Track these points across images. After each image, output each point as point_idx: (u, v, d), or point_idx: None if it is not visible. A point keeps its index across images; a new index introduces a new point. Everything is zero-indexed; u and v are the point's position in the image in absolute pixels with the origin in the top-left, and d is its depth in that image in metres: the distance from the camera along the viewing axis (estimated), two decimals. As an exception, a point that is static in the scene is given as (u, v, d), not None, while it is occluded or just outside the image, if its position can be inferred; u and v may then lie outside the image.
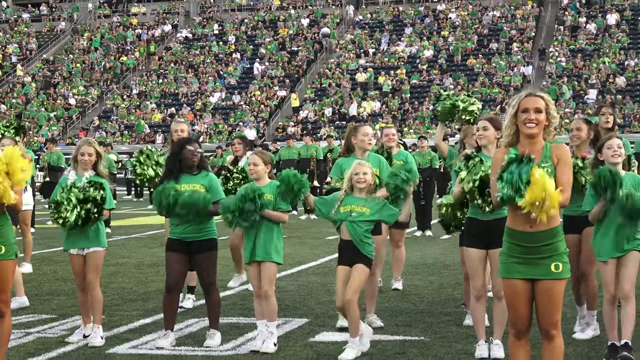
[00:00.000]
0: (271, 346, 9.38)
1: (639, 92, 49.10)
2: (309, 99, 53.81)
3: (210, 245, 9.78)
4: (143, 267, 15.11)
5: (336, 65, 56.51)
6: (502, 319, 8.80)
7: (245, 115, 52.60)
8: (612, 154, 9.12)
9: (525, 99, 6.96)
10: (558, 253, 6.90)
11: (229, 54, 60.20)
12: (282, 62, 58.10)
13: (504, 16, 58.34)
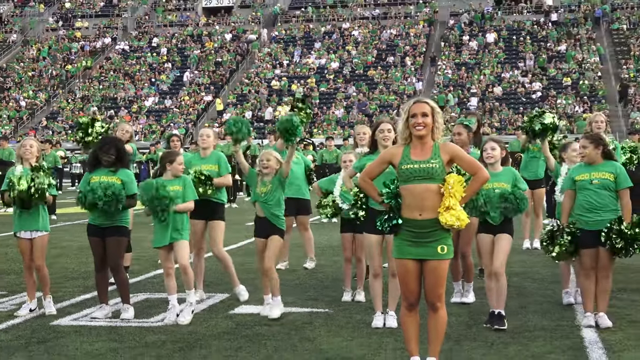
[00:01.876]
0: (188, 316, 9.45)
1: (513, 100, 49.86)
2: (231, 103, 53.76)
3: (120, 232, 9.82)
4: (84, 249, 14.94)
5: (255, 75, 56.52)
6: (395, 293, 8.90)
7: (176, 117, 52.43)
8: (487, 155, 9.30)
9: (413, 105, 7.08)
10: (443, 237, 7.04)
11: (162, 64, 59.85)
12: (208, 71, 57.91)
13: (400, 34, 58.79)
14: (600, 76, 51.55)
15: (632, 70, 51.35)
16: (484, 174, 7.17)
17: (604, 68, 52.69)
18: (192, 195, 9.79)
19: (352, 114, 49.63)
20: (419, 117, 7.00)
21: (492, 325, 9.02)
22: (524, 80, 51.80)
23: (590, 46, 54.40)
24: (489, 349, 8.20)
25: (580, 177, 9.14)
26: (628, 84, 49.47)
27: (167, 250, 9.65)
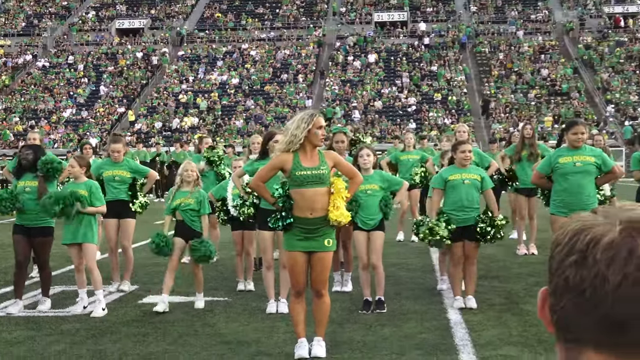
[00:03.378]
0: (99, 311, 9.25)
1: (391, 113, 50.48)
2: (142, 114, 53.03)
3: (45, 232, 9.61)
4: (4, 246, 14.55)
5: (164, 89, 55.88)
6: (286, 283, 8.92)
7: (92, 127, 51.45)
8: (362, 161, 9.40)
9: (319, 118, 7.08)
10: (329, 232, 7.11)
11: (79, 79, 58.65)
12: (121, 85, 57.03)
13: (292, 54, 58.92)
14: (465, 92, 52.60)
15: (492, 87, 52.56)
16: (359, 178, 7.31)
17: (469, 85, 53.78)
18: (99, 200, 9.58)
19: (251, 124, 49.50)
20: (324, 129, 7.08)
21: (372, 310, 9.11)
22: (401, 96, 52.49)
23: (457, 66, 55.46)
24: (368, 330, 8.28)
25: (452, 177, 9.30)
26: (489, 99, 50.62)
27: (77, 248, 9.47)
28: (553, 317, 1.24)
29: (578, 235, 1.22)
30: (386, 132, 46.92)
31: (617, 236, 1.19)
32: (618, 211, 1.24)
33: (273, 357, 7.32)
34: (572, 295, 1.20)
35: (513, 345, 7.53)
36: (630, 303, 1.16)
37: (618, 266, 1.17)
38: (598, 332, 1.18)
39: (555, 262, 1.24)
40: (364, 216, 9.30)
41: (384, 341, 7.80)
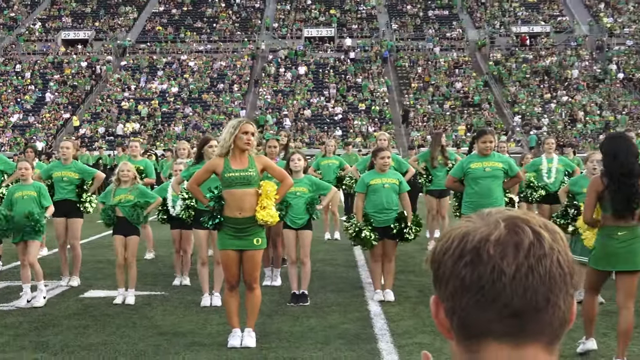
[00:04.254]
0: (41, 300, 9.12)
1: (320, 121, 50.59)
2: (86, 120, 52.14)
3: None
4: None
5: (107, 96, 55.01)
6: (219, 278, 8.88)
7: (38, 132, 50.35)
8: (294, 165, 9.41)
9: (245, 124, 7.10)
10: (258, 231, 7.13)
11: (26, 86, 57.34)
12: (66, 93, 55.96)
13: (228, 65, 58.59)
14: (387, 103, 53.02)
15: (412, 98, 53.09)
16: (289, 181, 7.33)
17: (391, 96, 54.21)
18: (47, 201, 9.45)
19: (189, 130, 49.07)
20: (249, 135, 7.07)
21: (297, 303, 9.13)
22: (328, 105, 52.63)
23: (380, 79, 55.87)
24: (295, 321, 8.29)
25: (373, 181, 9.37)
26: (409, 109, 51.12)
27: (23, 245, 9.28)
28: (453, 319, 1.24)
29: (466, 238, 1.23)
30: (315, 139, 47.01)
31: (503, 232, 1.21)
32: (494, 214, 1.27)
33: (207, 347, 7.28)
34: (472, 293, 1.21)
35: (427, 333, 7.62)
36: (526, 291, 1.19)
37: (510, 258, 1.19)
38: (499, 323, 1.20)
39: (447, 268, 1.24)
40: (293, 216, 9.32)
41: (310, 331, 7.81)
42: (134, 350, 7.17)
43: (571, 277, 1.23)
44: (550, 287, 1.20)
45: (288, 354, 6.98)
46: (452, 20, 63.96)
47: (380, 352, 6.99)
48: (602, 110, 50.72)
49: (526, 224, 1.23)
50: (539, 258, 1.19)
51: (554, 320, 1.21)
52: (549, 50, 59.19)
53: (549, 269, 1.20)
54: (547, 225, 1.24)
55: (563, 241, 1.24)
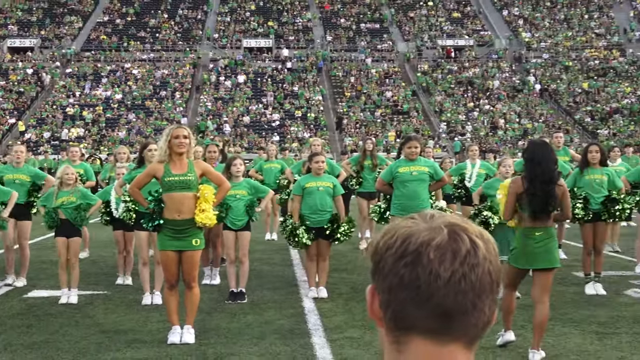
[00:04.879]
0: None
1: (258, 127, 50.44)
2: (32, 125, 50.96)
3: None
4: None
5: (52, 102, 53.87)
6: (160, 277, 8.77)
7: (-16, 136, 49.11)
8: (235, 170, 9.36)
9: (175, 129, 7.06)
10: (197, 233, 7.07)
11: (-28, 92, 55.87)
12: (12, 99, 54.61)
13: (171, 73, 57.96)
14: (322, 110, 53.15)
15: (345, 106, 53.31)
16: (227, 185, 7.27)
17: (325, 104, 54.35)
18: None
19: (132, 135, 48.39)
20: (181, 138, 7.00)
21: (235, 301, 9.07)
22: (266, 112, 52.50)
23: (315, 88, 55.98)
24: (233, 318, 8.23)
25: (308, 184, 9.37)
26: (342, 117, 51.33)
27: None
28: (387, 311, 1.27)
29: (409, 239, 1.26)
30: (253, 144, 46.86)
31: (445, 238, 1.24)
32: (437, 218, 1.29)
33: (147, 343, 7.17)
34: (408, 291, 1.23)
35: (357, 328, 7.65)
36: (457, 295, 1.22)
37: (448, 264, 1.22)
38: (428, 321, 1.23)
39: (388, 264, 1.26)
40: (233, 217, 9.26)
41: (247, 328, 7.77)
42: (76, 348, 7.02)
43: (497, 285, 1.27)
44: (479, 294, 1.24)
45: (226, 349, 6.92)
46: (383, 33, 64.50)
47: (313, 346, 6.99)
48: (521, 119, 51.74)
49: (465, 233, 1.26)
50: (472, 266, 1.23)
51: (478, 323, 1.25)
52: (472, 62, 60.15)
53: (479, 277, 1.24)
54: (483, 234, 1.28)
55: (495, 250, 1.28)
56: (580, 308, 8.66)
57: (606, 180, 9.78)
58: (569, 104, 54.31)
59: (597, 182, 9.75)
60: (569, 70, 58.78)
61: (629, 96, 54.79)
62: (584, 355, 6.66)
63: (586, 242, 9.80)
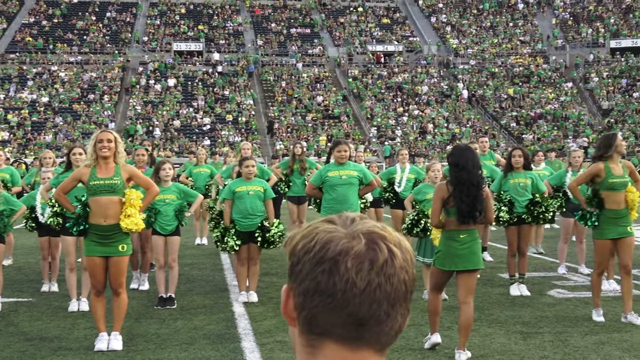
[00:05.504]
0: None
1: (189, 131, 49.92)
2: (-47, 128, 49.43)
3: None
4: None
5: (-25, 105, 52.35)
6: (87, 283, 8.61)
7: None
8: (164, 174, 9.25)
9: (100, 133, 6.98)
10: (123, 238, 6.97)
11: None
12: None
13: (99, 76, 56.96)
14: (253, 114, 53.00)
15: (276, 110, 53.31)
16: (155, 189, 7.19)
17: (257, 108, 54.24)
18: None
19: (59, 139, 47.38)
20: (105, 142, 6.90)
21: (164, 306, 8.97)
22: (197, 116, 52.09)
23: (246, 92, 55.81)
24: (162, 324, 8.13)
25: (239, 189, 9.33)
26: (273, 121, 51.29)
27: None
28: (301, 314, 1.27)
29: (328, 245, 1.26)
30: (184, 148, 46.42)
31: (363, 247, 1.24)
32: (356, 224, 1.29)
33: (73, 351, 7.02)
34: (323, 297, 1.24)
35: (287, 332, 7.62)
36: (372, 304, 1.23)
37: (364, 273, 1.23)
38: (342, 328, 1.24)
39: (305, 268, 1.26)
40: (162, 222, 9.16)
41: (176, 333, 7.68)
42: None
43: (411, 294, 1.29)
44: (393, 303, 1.25)
45: (154, 355, 6.83)
46: (314, 38, 64.75)
47: (243, 351, 6.96)
48: (449, 124, 52.62)
49: (383, 241, 1.26)
50: (388, 276, 1.24)
51: (390, 331, 1.26)
52: (402, 67, 60.90)
53: (395, 287, 1.24)
54: (402, 243, 1.29)
55: (411, 260, 1.29)
56: (505, 309, 8.85)
57: (530, 184, 10.01)
58: (495, 110, 55.51)
59: (521, 186, 9.98)
60: (495, 77, 60.07)
61: (552, 102, 56.32)
62: (509, 355, 6.81)
63: (511, 244, 10.02)
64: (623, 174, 8.08)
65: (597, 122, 53.66)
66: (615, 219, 8.06)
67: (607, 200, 8.12)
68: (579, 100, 57.44)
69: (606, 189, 8.09)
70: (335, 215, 1.33)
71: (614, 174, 8.05)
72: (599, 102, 56.55)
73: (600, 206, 8.15)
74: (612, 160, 8.11)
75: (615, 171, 8.06)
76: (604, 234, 8.11)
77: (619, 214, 8.07)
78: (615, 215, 8.07)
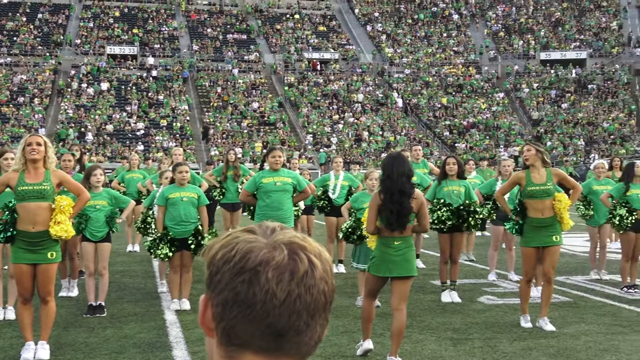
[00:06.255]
0: None
1: (122, 136, 49.23)
2: None
3: None
4: None
5: None
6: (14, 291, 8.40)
7: None
8: (95, 180, 9.11)
9: (29, 137, 6.85)
10: (53, 245, 6.83)
11: None
12: None
13: (29, 79, 55.65)
14: (188, 120, 52.54)
15: (211, 116, 52.98)
16: (86, 195, 7.06)
17: (192, 114, 53.78)
18: None
19: (-13, 143, 46.19)
20: (34, 145, 6.76)
21: (94, 314, 8.81)
22: (131, 121, 51.38)
23: (181, 97, 55.30)
24: (91, 332, 7.97)
25: (172, 195, 9.24)
26: (209, 127, 50.95)
27: None
28: (219, 324, 1.26)
29: (248, 256, 1.25)
30: (116, 153, 45.73)
31: (284, 258, 1.24)
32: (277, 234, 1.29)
33: (-2, 361, 6.83)
34: (242, 308, 1.23)
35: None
36: (292, 315, 1.23)
37: (285, 284, 1.22)
38: (260, 339, 1.23)
39: (225, 278, 1.25)
40: (92, 229, 9.01)
41: (106, 342, 7.55)
42: None
43: (330, 305, 1.29)
44: (313, 314, 1.25)
45: (83, 365, 6.69)
46: (250, 44, 64.61)
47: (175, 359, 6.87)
48: (384, 131, 53.12)
49: (303, 251, 1.26)
50: (308, 287, 1.24)
51: (310, 341, 1.26)
52: (337, 75, 61.26)
53: (315, 298, 1.24)
54: (322, 254, 1.29)
55: (331, 271, 1.29)
56: (436, 315, 8.96)
57: (463, 192, 10.17)
58: (429, 118, 56.29)
59: (455, 194, 10.13)
60: (429, 86, 60.93)
61: (484, 112, 57.42)
62: (439, 361, 6.89)
63: (443, 251, 10.16)
64: (545, 182, 8.21)
65: (527, 132, 54.91)
66: (539, 227, 8.20)
67: (530, 208, 8.30)
68: (510, 110, 58.70)
69: (527, 197, 8.27)
70: (255, 225, 1.33)
71: (534, 182, 8.21)
72: (529, 112, 57.91)
73: (523, 214, 8.32)
74: (533, 169, 8.28)
75: (535, 179, 8.22)
76: (528, 241, 8.28)
77: (543, 223, 8.20)
78: (539, 224, 8.21)
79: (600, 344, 7.55)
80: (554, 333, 8.04)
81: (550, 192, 8.20)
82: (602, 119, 55.10)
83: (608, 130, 53.41)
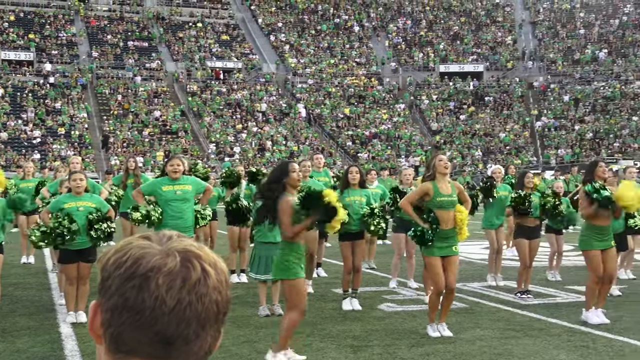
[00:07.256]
0: None
1: (17, 144, 47.61)
2: None
3: None
4: None
5: None
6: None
7: None
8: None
9: None
10: None
11: None
12: None
13: None
14: (87, 128, 51.31)
15: (112, 124, 51.88)
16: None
17: (91, 122, 52.53)
18: None
19: None
20: None
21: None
22: (27, 129, 49.75)
23: (80, 105, 53.93)
24: (-20, 348, 7.65)
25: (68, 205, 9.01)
26: (109, 135, 49.89)
27: None
28: (107, 330, 1.23)
29: (140, 261, 1.23)
30: (11, 162, 44.20)
31: (177, 265, 1.22)
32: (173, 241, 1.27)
33: None
34: (131, 314, 1.20)
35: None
36: (181, 323, 1.21)
37: (175, 291, 1.20)
38: (148, 347, 1.21)
39: (115, 283, 1.23)
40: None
41: (-4, 357, 7.26)
42: None
43: (223, 316, 1.27)
44: (203, 324, 1.22)
45: (-29, 381, 6.41)
46: (152, 52, 63.65)
47: (70, 374, 6.68)
48: (287, 141, 53.28)
49: (198, 260, 1.24)
50: (200, 296, 1.21)
51: (199, 351, 1.24)
52: (241, 84, 61.09)
53: (206, 307, 1.22)
54: (217, 264, 1.26)
55: (226, 282, 1.27)
56: (337, 323, 9.03)
57: (365, 201, 10.29)
58: (332, 128, 56.82)
59: (357, 203, 10.23)
60: (332, 96, 61.52)
61: (386, 122, 58.42)
62: (340, 368, 6.93)
63: (346, 259, 10.22)
64: (451, 193, 8.40)
65: (427, 142, 56.15)
66: (442, 238, 8.36)
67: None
68: (410, 121, 59.90)
69: (436, 207, 8.39)
70: (152, 232, 1.31)
71: (442, 193, 8.37)
72: (429, 123, 59.25)
73: (436, 222, 8.35)
74: (439, 180, 8.44)
75: (443, 190, 8.39)
76: (433, 251, 8.37)
77: (446, 234, 8.36)
78: (445, 235, 8.35)
79: (494, 348, 7.77)
80: (451, 338, 8.21)
81: (455, 203, 8.37)
82: (498, 130, 56.95)
83: (504, 141, 55.26)
